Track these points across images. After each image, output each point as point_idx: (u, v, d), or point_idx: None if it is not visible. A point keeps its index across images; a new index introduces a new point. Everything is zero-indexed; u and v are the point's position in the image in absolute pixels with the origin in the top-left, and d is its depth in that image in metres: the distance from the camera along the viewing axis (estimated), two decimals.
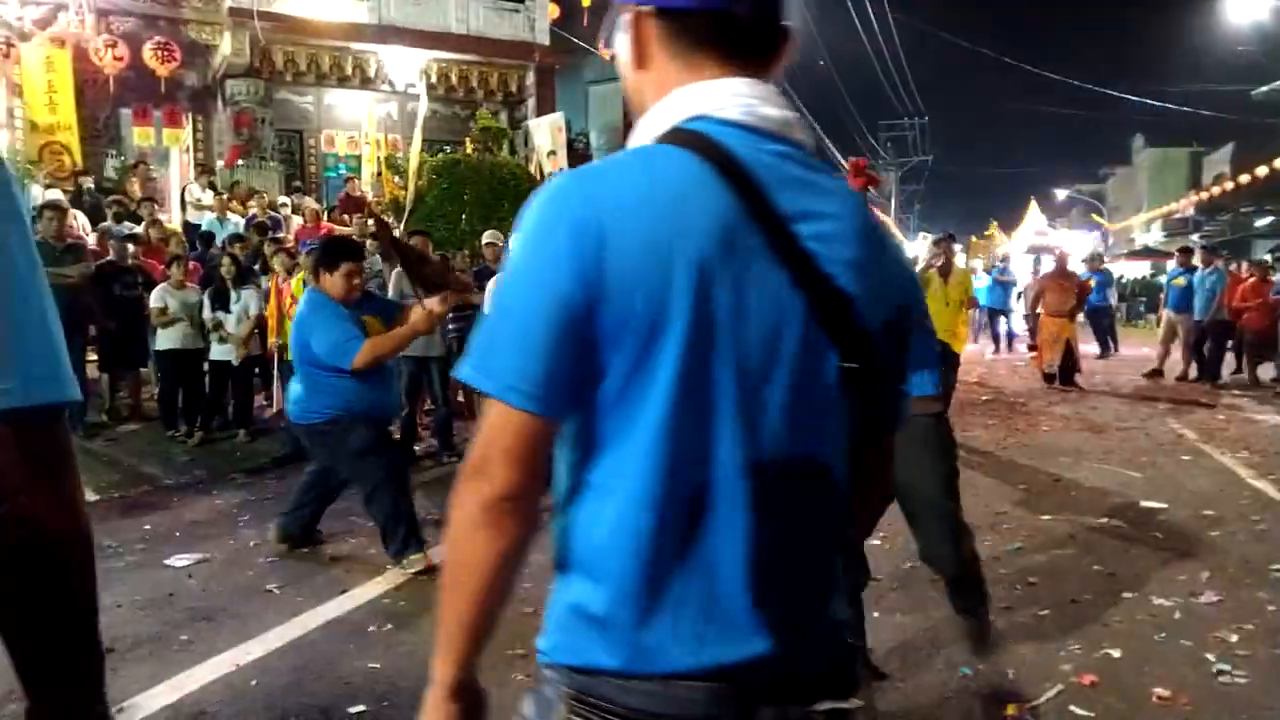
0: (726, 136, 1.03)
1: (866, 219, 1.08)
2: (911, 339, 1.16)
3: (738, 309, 0.99)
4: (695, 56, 1.07)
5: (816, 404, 1.05)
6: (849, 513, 1.17)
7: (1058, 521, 5.56)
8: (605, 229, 0.96)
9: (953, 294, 8.02)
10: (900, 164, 50.40)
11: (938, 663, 3.54)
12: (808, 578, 1.08)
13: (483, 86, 16.26)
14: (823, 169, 1.09)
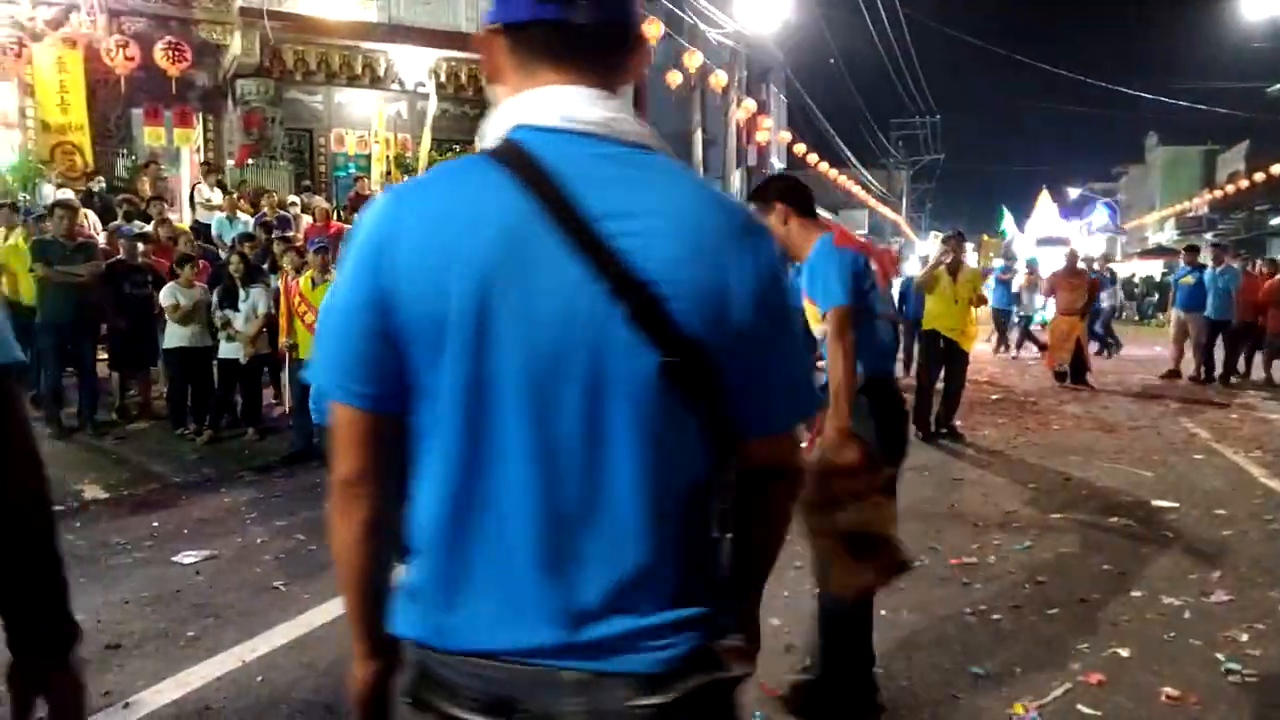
0: (539, 143, 1.07)
1: (697, 215, 1.07)
2: (776, 342, 1.13)
3: (525, 310, 1.04)
4: (534, 67, 1.11)
5: (626, 400, 1.05)
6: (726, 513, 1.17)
7: (1067, 520, 5.52)
8: (401, 241, 1.05)
9: (961, 292, 8.01)
10: (911, 163, 50.28)
11: (945, 661, 3.52)
12: (612, 573, 1.08)
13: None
14: (651, 166, 1.09)
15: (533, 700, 1.09)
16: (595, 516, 1.08)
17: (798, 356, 1.19)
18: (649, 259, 1.04)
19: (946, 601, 4.16)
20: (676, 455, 1.10)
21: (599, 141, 1.08)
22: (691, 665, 1.09)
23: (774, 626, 3.82)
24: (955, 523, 5.49)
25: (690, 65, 16.34)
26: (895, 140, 47.82)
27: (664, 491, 1.09)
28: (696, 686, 1.09)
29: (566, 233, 1.03)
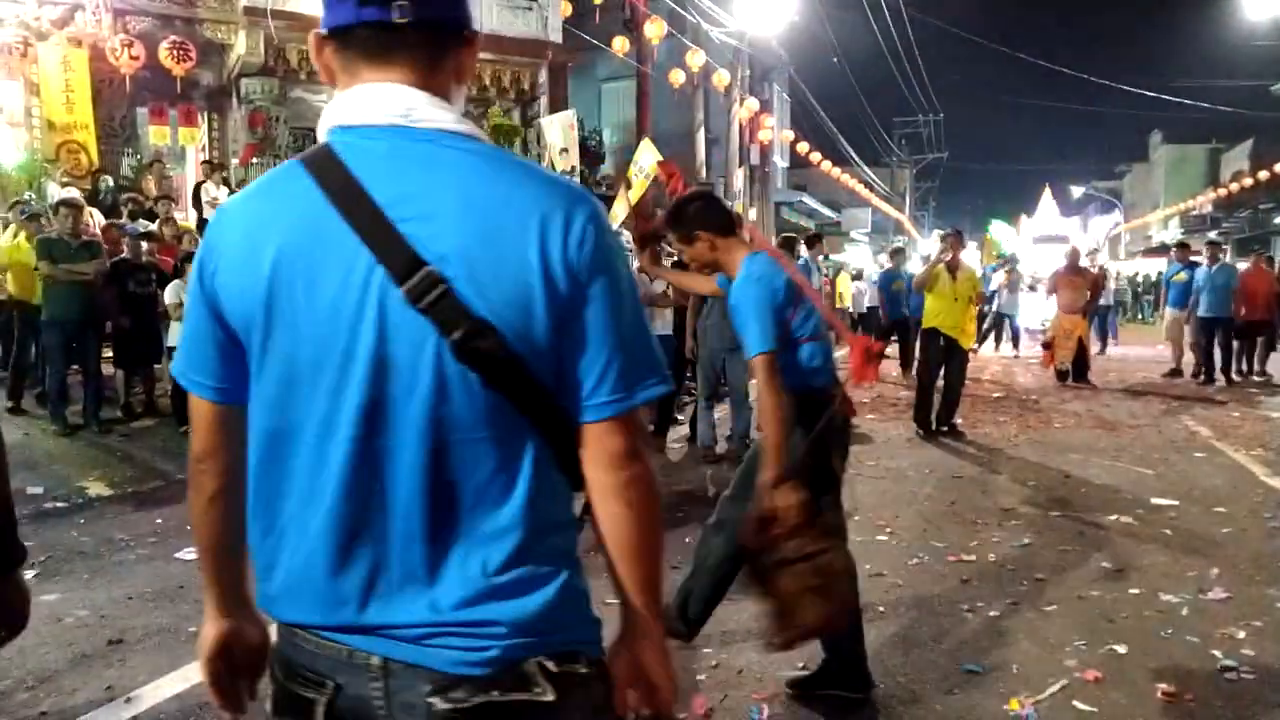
0: (343, 141, 1.12)
1: (492, 195, 1.08)
2: (592, 323, 1.11)
3: (313, 301, 1.09)
4: (357, 68, 1.14)
5: (414, 384, 1.08)
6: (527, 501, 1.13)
7: (1066, 518, 5.53)
8: (220, 249, 1.15)
9: (961, 290, 8.02)
10: (915, 161, 50.20)
11: (941, 658, 3.54)
12: (406, 560, 1.10)
13: (495, 84, 16.26)
14: (450, 151, 1.11)
15: (342, 679, 1.13)
16: (386, 500, 1.10)
17: (624, 338, 1.13)
18: (434, 240, 1.06)
19: (944, 598, 4.18)
20: (479, 441, 1.10)
21: (398, 132, 1.11)
22: (495, 675, 1.09)
23: None
24: (954, 520, 5.51)
25: (693, 64, 16.34)
26: (898, 139, 47.78)
27: (462, 478, 1.10)
28: (493, 702, 1.08)
29: (355, 222, 1.07)
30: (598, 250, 1.10)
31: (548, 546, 1.14)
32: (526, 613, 1.10)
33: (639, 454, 1.16)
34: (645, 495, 1.17)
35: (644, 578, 1.20)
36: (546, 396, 1.12)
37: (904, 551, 4.88)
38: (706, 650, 3.59)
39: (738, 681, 3.33)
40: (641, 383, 1.15)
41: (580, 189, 1.18)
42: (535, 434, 1.13)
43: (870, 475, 6.72)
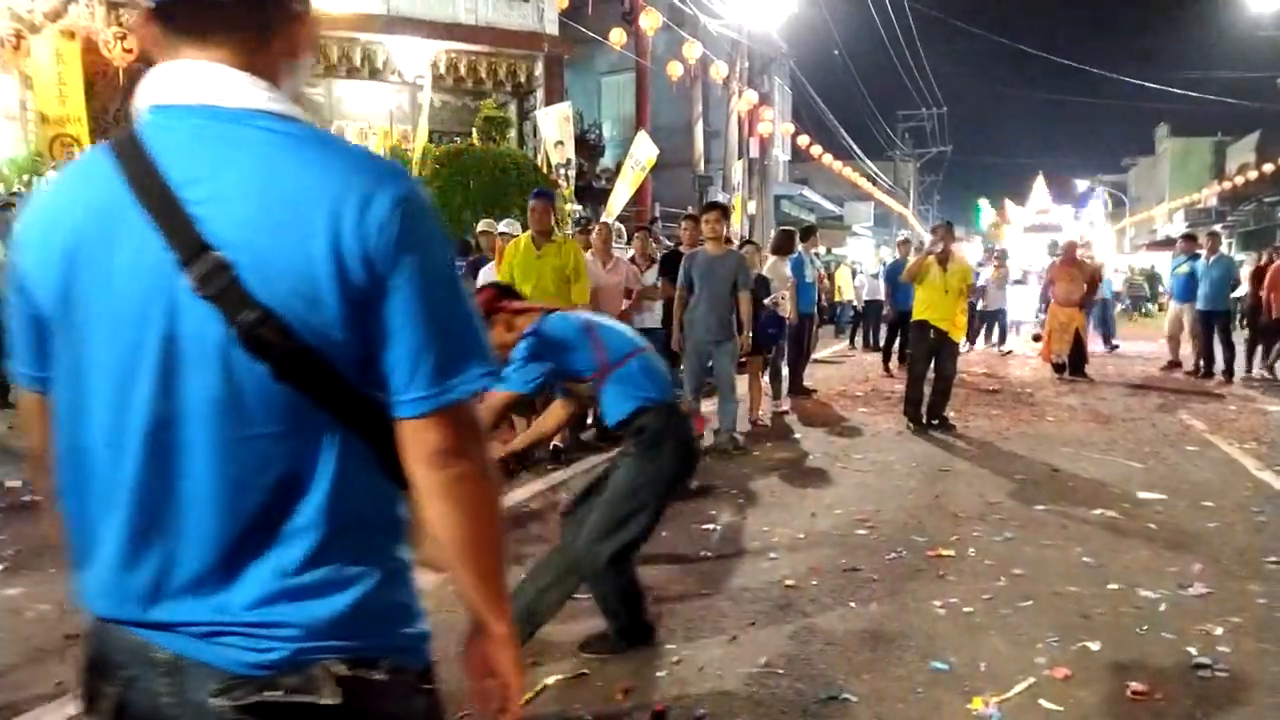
0: (150, 122, 1.09)
1: (289, 177, 1.03)
2: (398, 312, 1.06)
3: (105, 288, 1.05)
4: (176, 45, 1.10)
5: (200, 374, 1.04)
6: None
7: (1051, 513, 5.46)
8: (26, 240, 1.14)
9: (951, 282, 7.95)
10: (918, 155, 49.99)
11: (909, 655, 3.46)
12: (197, 556, 1.07)
13: (491, 77, 16.18)
14: (253, 131, 1.05)
15: (136, 673, 1.10)
16: (178, 495, 1.06)
17: (438, 328, 1.08)
18: (221, 223, 1.02)
19: (918, 593, 4.11)
20: (274, 437, 1.05)
21: (204, 112, 1.06)
22: (279, 676, 1.06)
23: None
24: (936, 514, 5.44)
25: (689, 56, 16.24)
26: (902, 133, 47.57)
27: (257, 475, 1.05)
28: (270, 701, 1.05)
29: (148, 204, 1.03)
30: (403, 234, 1.04)
31: (356, 548, 1.10)
32: (320, 616, 1.06)
33: (464, 451, 1.10)
34: (473, 494, 1.12)
35: (479, 578, 1.17)
36: (349, 390, 1.07)
37: (882, 546, 4.81)
38: (670, 646, 3.53)
39: (697, 679, 3.27)
40: (461, 375, 1.09)
41: (394, 168, 1.11)
42: (340, 430, 1.08)
43: (856, 469, 6.66)
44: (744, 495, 5.86)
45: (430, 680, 1.19)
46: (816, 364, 13.91)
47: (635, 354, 3.18)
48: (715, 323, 6.96)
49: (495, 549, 1.18)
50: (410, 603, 1.17)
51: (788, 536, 4.97)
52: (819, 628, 3.73)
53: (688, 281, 7.05)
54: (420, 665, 1.17)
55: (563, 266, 6.41)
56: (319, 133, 1.11)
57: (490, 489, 1.15)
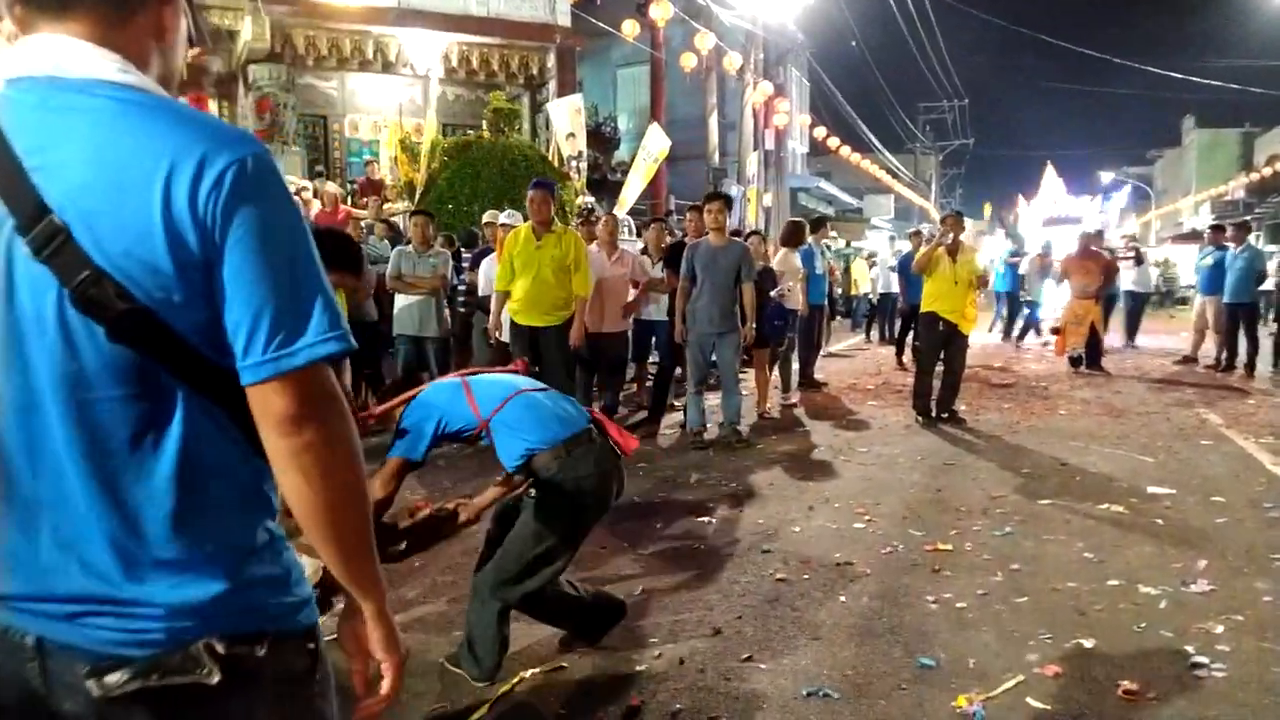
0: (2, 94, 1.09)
1: (130, 143, 1.03)
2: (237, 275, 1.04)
3: None
4: (35, 22, 1.11)
5: (45, 342, 1.04)
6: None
7: (1055, 507, 5.34)
8: None
9: (960, 273, 7.83)
10: (939, 147, 49.55)
11: (896, 651, 3.38)
12: (56, 531, 1.07)
13: (504, 69, 16.14)
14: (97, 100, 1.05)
15: (1, 659, 1.08)
16: (34, 463, 1.06)
17: (279, 291, 1.05)
18: (57, 188, 1.02)
19: (910, 589, 4.02)
20: (119, 400, 1.05)
21: (51, 82, 1.07)
22: (157, 657, 1.05)
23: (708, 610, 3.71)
24: (936, 508, 5.34)
25: (701, 47, 16.12)
26: (923, 125, 47.16)
27: (108, 441, 1.05)
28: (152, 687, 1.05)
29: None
30: (237, 196, 1.03)
31: (219, 524, 1.10)
32: (191, 592, 1.06)
33: (311, 418, 1.07)
34: (324, 464, 1.08)
35: (341, 553, 1.14)
36: (192, 354, 1.06)
37: (878, 540, 4.72)
38: (653, 639, 3.47)
39: (676, 673, 3.20)
40: (303, 339, 1.06)
41: (236, 133, 1.08)
42: (190, 395, 1.07)
43: (859, 462, 6.56)
44: (743, 488, 5.79)
45: (313, 639, 1.18)
46: (829, 357, 13.80)
47: (510, 399, 3.02)
48: (718, 314, 6.88)
49: (356, 520, 1.13)
50: (283, 572, 1.16)
51: (783, 530, 4.90)
52: (806, 622, 3.66)
53: (690, 272, 6.97)
54: (300, 629, 1.16)
55: (562, 257, 6.34)
56: (167, 101, 1.09)
57: (343, 459, 1.10)
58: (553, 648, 3.39)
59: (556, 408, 3.08)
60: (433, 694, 3.05)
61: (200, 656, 1.05)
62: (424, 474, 5.81)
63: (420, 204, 11.01)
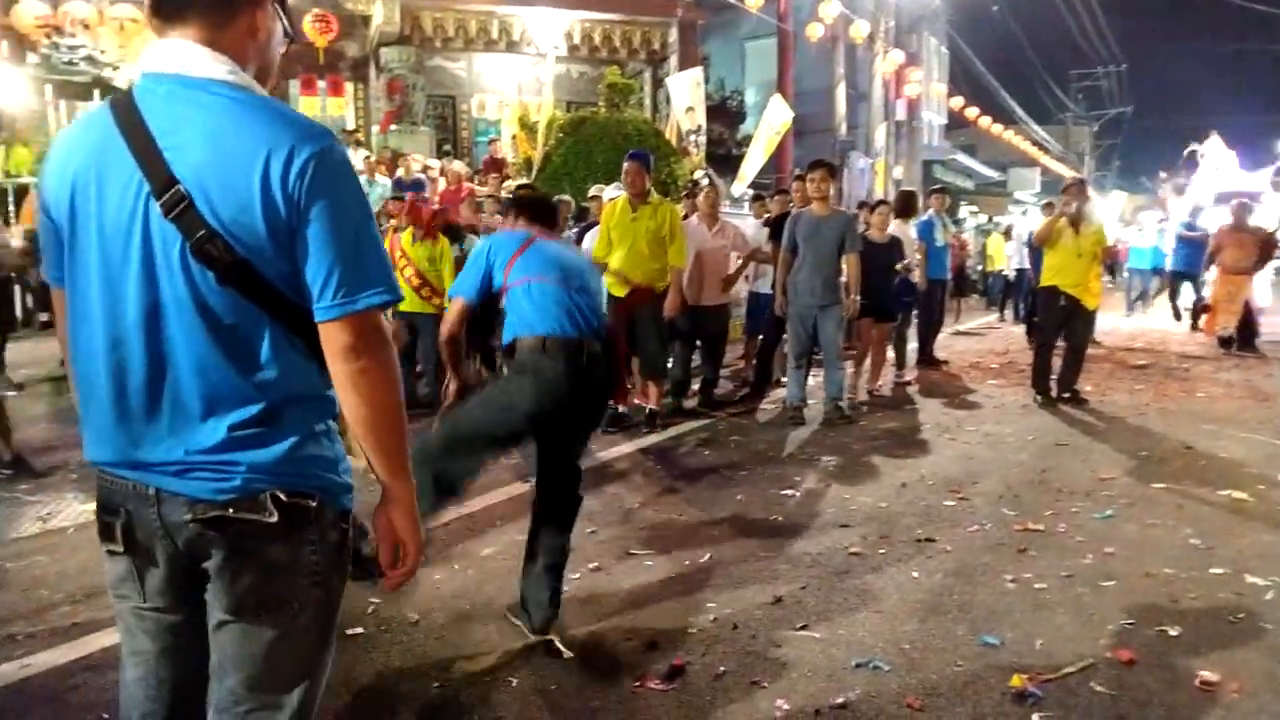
0: (137, 84, 1.43)
1: (232, 130, 1.35)
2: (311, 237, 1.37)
3: (100, 208, 1.40)
4: (160, 27, 1.45)
5: (170, 277, 1.37)
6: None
7: (1168, 491, 5.00)
8: (48, 170, 1.48)
9: (1085, 245, 7.40)
10: (1094, 117, 46.68)
11: (960, 629, 3.27)
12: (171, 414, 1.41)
13: (625, 45, 16.22)
14: (212, 95, 1.38)
15: (131, 506, 1.45)
16: (154, 367, 1.40)
17: (345, 254, 1.38)
18: (183, 164, 1.35)
19: (990, 568, 3.86)
20: (226, 327, 1.39)
21: (177, 79, 1.40)
22: (235, 499, 1.40)
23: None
24: (1037, 489, 5.09)
25: (825, 16, 15.70)
26: (1075, 93, 44.47)
27: (215, 355, 1.39)
28: (230, 517, 1.40)
29: (133, 146, 1.37)
30: (317, 180, 1.35)
31: (291, 413, 1.44)
32: (263, 458, 1.41)
33: (364, 351, 1.41)
34: (374, 385, 1.43)
35: (381, 454, 1.48)
36: (278, 295, 1.39)
37: (967, 518, 4.55)
38: (710, 604, 3.47)
39: (729, 637, 3.19)
40: (363, 292, 1.39)
41: (318, 129, 1.40)
42: (274, 325, 1.41)
43: (964, 441, 6.32)
44: (835, 464, 5.67)
45: (347, 522, 1.53)
46: (957, 335, 13.31)
47: (528, 281, 3.16)
48: (820, 286, 6.73)
49: (393, 430, 1.47)
50: (335, 457, 1.50)
51: (868, 505, 4.78)
52: (871, 594, 3.57)
53: (791, 244, 6.84)
54: (340, 507, 1.51)
55: (657, 229, 6.34)
56: (266, 100, 1.42)
57: (386, 383, 1.44)
58: (607, 605, 3.44)
59: (571, 306, 3.17)
60: (489, 643, 3.15)
61: (265, 501, 1.41)
62: None
63: (536, 180, 11.22)
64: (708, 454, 5.93)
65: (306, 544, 1.46)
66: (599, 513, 4.63)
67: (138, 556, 1.48)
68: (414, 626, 3.30)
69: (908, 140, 22.06)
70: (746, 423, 6.96)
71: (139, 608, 1.52)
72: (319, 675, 1.57)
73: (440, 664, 3.01)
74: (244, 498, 1.40)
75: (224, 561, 1.43)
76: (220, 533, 1.41)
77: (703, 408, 7.33)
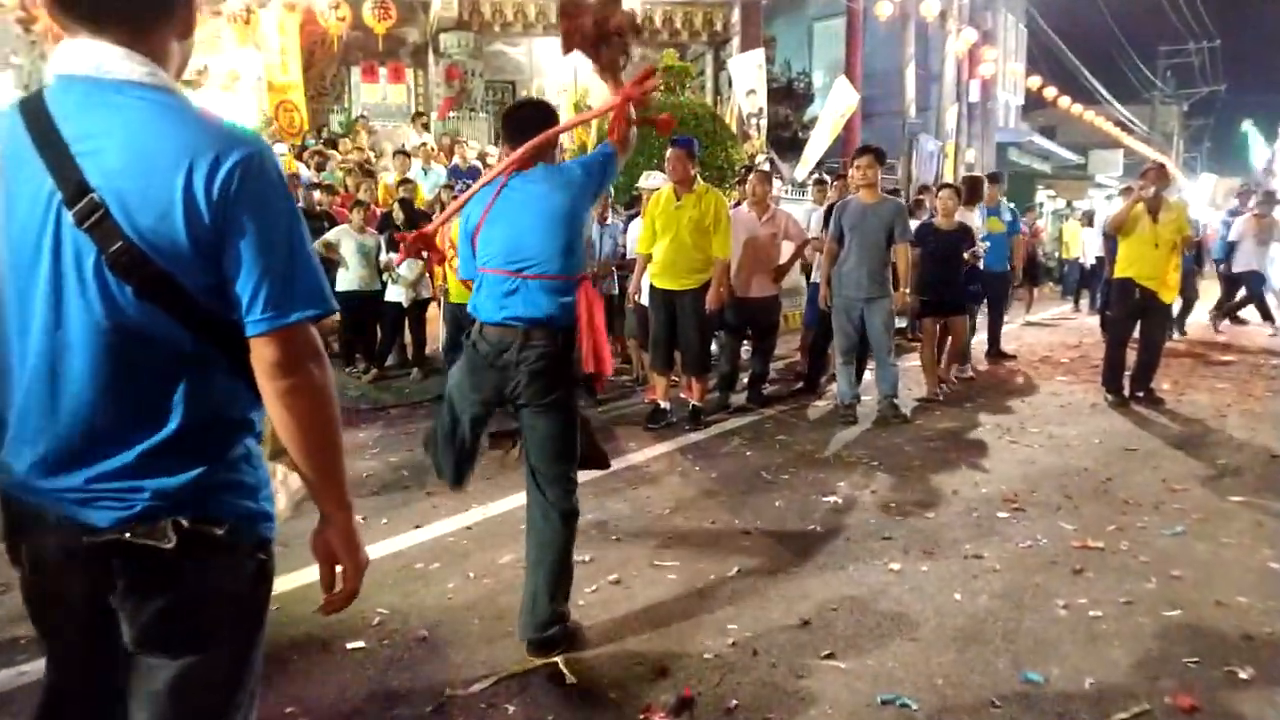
0: (49, 87, 1.34)
1: (154, 136, 1.28)
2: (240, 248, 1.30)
3: (8, 217, 1.33)
4: (72, 27, 1.34)
5: (80, 290, 1.29)
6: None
7: (1247, 506, 4.60)
8: None
9: (1163, 234, 6.92)
10: (1185, 96, 44.60)
11: (1001, 661, 2.99)
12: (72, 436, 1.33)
13: (687, 27, 15.89)
14: (129, 98, 1.30)
15: (34, 530, 1.38)
16: (65, 387, 1.32)
17: (275, 266, 1.31)
18: (98, 171, 1.27)
19: (1041, 590, 3.56)
20: (140, 343, 1.31)
21: (90, 82, 1.31)
22: (130, 528, 1.32)
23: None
24: (1100, 499, 4.73)
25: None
26: (1163, 71, 42.48)
27: (127, 374, 1.32)
28: (126, 542, 1.32)
29: (44, 153, 1.29)
30: (244, 188, 1.29)
31: (205, 437, 1.36)
32: (168, 484, 1.33)
33: (297, 367, 1.35)
34: (305, 403, 1.37)
35: (314, 473, 1.41)
36: (200, 309, 1.32)
37: (1020, 532, 4.23)
38: (732, 626, 3.25)
39: (747, 665, 2.97)
40: (294, 305, 1.33)
41: (244, 135, 1.33)
42: (195, 341, 1.33)
43: (1025, 444, 5.95)
44: (883, 467, 5.38)
45: (265, 552, 1.44)
46: (1028, 326, 12.79)
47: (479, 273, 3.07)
48: (865, 277, 6.40)
49: (326, 449, 1.42)
50: (254, 484, 1.42)
51: (914, 515, 4.50)
52: (907, 619, 3.31)
53: (838, 233, 6.53)
54: (256, 537, 1.42)
55: (700, 218, 6.09)
56: (186, 104, 1.34)
57: (318, 400, 1.38)
58: (620, 623, 3.25)
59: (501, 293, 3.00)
60: (493, 663, 2.99)
61: (165, 527, 1.32)
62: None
63: None
64: (749, 455, 5.68)
65: (215, 573, 1.39)
66: (626, 517, 4.44)
67: (47, 580, 1.42)
68: (418, 643, 3.16)
69: (981, 122, 21.25)
70: (795, 420, 6.68)
71: (50, 629, 1.48)
72: (237, 716, 1.47)
73: (436, 687, 2.86)
74: (141, 523, 1.33)
75: (126, 591, 1.36)
76: (121, 560, 1.34)
77: (750, 404, 7.08)
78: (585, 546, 4.01)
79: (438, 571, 3.82)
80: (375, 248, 8.44)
